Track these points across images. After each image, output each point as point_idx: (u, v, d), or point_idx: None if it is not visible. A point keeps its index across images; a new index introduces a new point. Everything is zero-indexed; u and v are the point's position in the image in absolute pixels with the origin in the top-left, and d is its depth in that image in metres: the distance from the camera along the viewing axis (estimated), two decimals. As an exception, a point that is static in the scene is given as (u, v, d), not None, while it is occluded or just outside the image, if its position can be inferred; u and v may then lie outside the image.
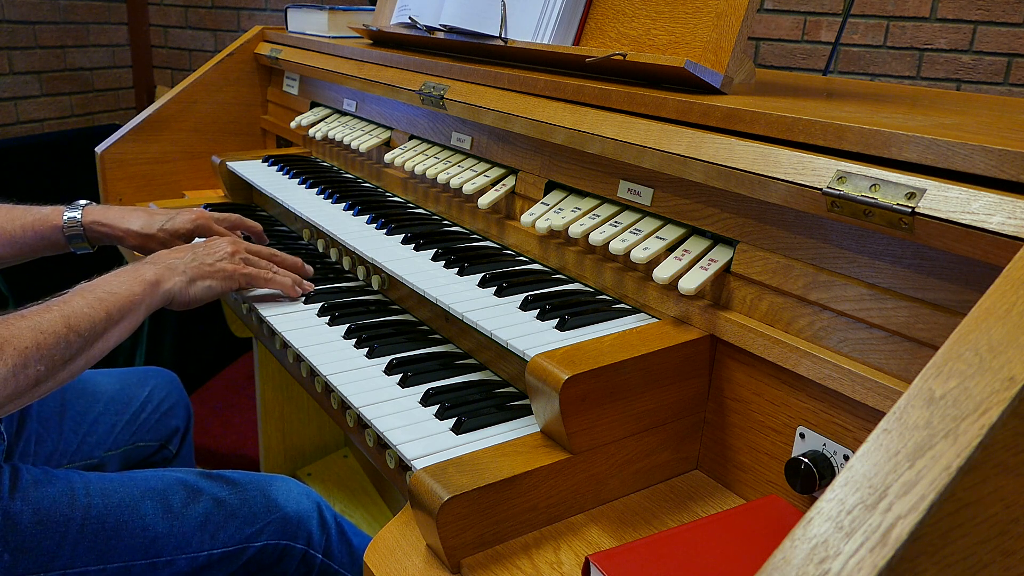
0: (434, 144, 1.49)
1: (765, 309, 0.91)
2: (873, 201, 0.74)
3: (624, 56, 1.08)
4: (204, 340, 2.82)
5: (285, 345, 1.20)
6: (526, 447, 0.87)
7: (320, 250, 1.52)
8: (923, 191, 0.71)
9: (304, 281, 1.33)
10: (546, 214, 1.14)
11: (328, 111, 1.86)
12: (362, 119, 1.74)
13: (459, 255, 1.22)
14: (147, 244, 1.41)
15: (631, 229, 1.04)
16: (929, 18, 2.55)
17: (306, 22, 2.06)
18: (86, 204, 1.41)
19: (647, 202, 1.06)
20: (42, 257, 1.43)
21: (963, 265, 0.73)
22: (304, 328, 1.22)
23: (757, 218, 0.92)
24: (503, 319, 1.03)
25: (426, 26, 1.51)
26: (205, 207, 1.75)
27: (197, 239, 1.46)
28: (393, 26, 1.66)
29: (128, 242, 1.42)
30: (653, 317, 1.03)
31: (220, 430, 2.60)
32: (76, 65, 4.05)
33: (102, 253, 1.47)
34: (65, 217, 1.37)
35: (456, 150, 1.43)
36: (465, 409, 0.99)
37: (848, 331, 0.83)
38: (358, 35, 1.93)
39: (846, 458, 0.83)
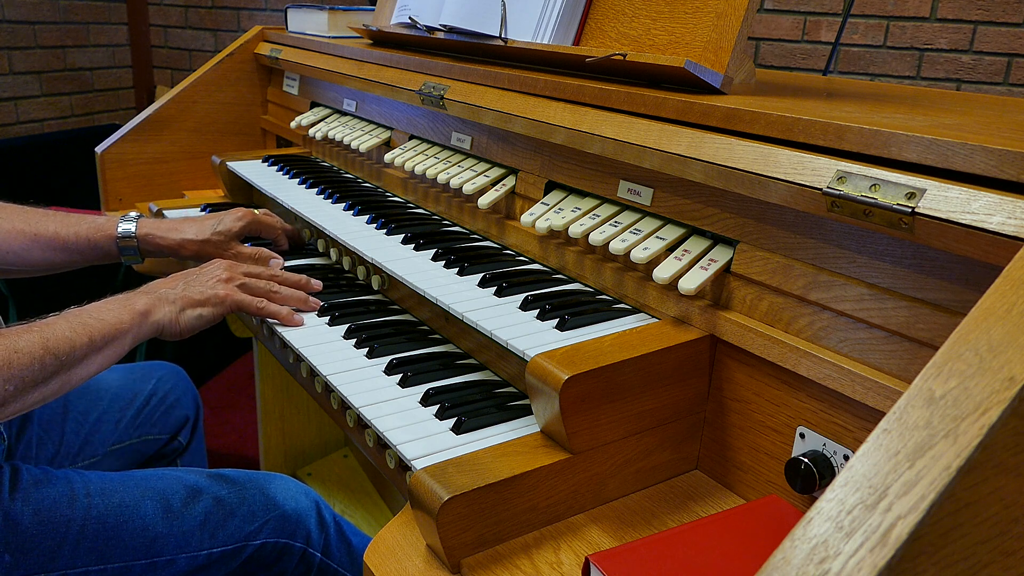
0: (434, 144, 1.49)
1: (765, 309, 0.91)
2: (873, 201, 0.74)
3: (624, 56, 1.08)
4: (204, 340, 2.82)
5: (285, 345, 1.20)
6: (526, 447, 0.87)
7: (320, 250, 1.52)
8: (923, 191, 0.71)
9: (310, 298, 1.27)
10: (546, 214, 1.14)
11: (328, 111, 1.86)
12: (362, 119, 1.74)
13: (459, 255, 1.22)
14: (204, 249, 1.40)
15: (631, 229, 1.04)
16: (929, 18, 2.55)
17: (306, 22, 2.06)
18: (138, 216, 1.41)
19: (647, 202, 1.06)
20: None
21: (963, 265, 0.73)
22: (304, 328, 1.22)
23: (757, 218, 0.92)
24: (503, 319, 1.03)
25: (426, 26, 1.51)
26: (205, 207, 1.75)
27: (184, 264, 1.46)
28: (393, 26, 1.66)
29: (184, 251, 1.41)
30: (653, 317, 1.03)
31: (220, 430, 2.60)
32: (76, 65, 4.05)
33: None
34: (120, 229, 1.37)
35: (456, 150, 1.43)
36: (465, 409, 0.99)
37: (848, 331, 0.83)
38: (358, 35, 1.93)
39: (846, 458, 0.83)
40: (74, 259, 1.38)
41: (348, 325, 1.21)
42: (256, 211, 1.46)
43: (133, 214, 1.41)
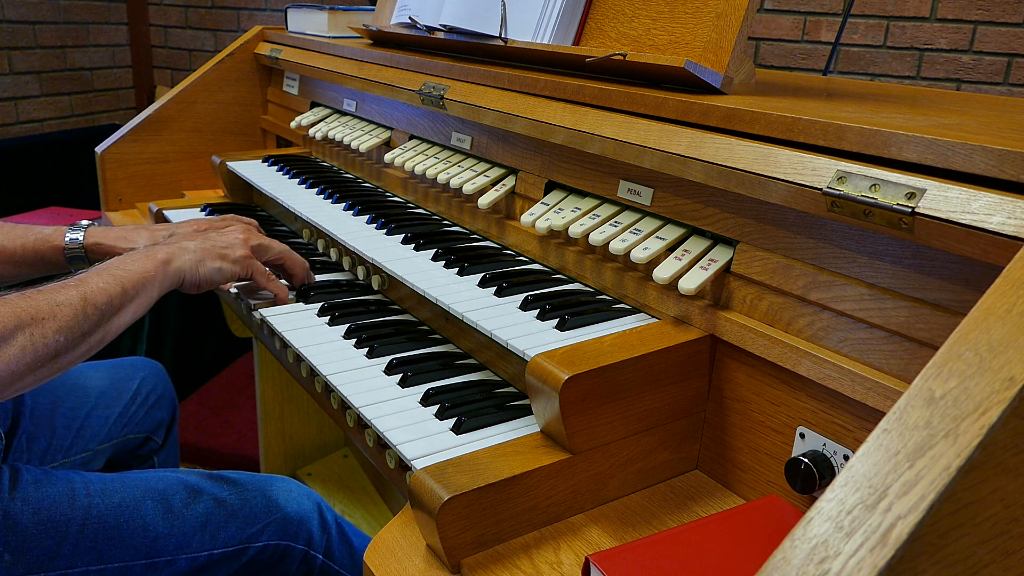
0: (434, 144, 1.49)
1: (765, 309, 0.91)
2: (873, 201, 0.74)
3: (624, 56, 1.08)
4: (204, 340, 2.82)
5: (285, 345, 1.20)
6: (526, 447, 0.87)
7: (320, 250, 1.52)
8: (923, 191, 0.71)
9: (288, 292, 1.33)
10: (546, 214, 1.14)
11: (328, 111, 1.86)
12: (362, 119, 1.74)
13: (459, 255, 1.22)
14: None
15: (631, 229, 1.04)
16: (929, 18, 2.55)
17: (306, 22, 2.06)
18: (88, 225, 1.39)
19: (647, 202, 1.06)
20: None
21: (963, 265, 0.73)
22: (304, 328, 1.22)
23: (757, 218, 0.92)
24: (503, 319, 1.03)
25: (426, 26, 1.51)
26: (205, 207, 1.75)
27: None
28: (393, 26, 1.66)
29: None
30: (653, 317, 1.03)
31: (220, 430, 2.60)
32: (76, 65, 4.05)
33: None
34: (67, 238, 1.36)
35: (456, 150, 1.43)
36: (465, 409, 0.99)
37: (848, 331, 0.83)
38: (358, 35, 1.93)
39: (846, 458, 0.83)
40: (21, 271, 1.37)
41: (348, 325, 1.21)
42: (215, 219, 1.44)
43: (84, 223, 1.40)
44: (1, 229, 1.36)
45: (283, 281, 1.34)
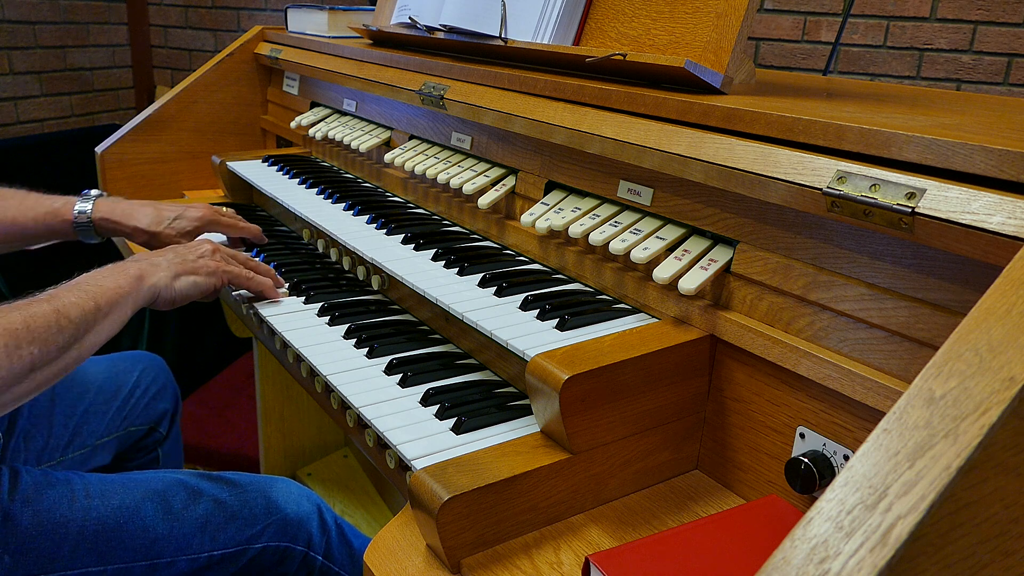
0: (434, 144, 1.49)
1: (765, 309, 0.91)
2: (873, 201, 0.74)
3: (624, 56, 1.08)
4: (204, 340, 2.82)
5: (285, 345, 1.20)
6: (526, 447, 0.87)
7: (320, 250, 1.52)
8: (923, 191, 0.71)
9: (278, 290, 1.34)
10: (546, 214, 1.14)
11: (328, 111, 1.86)
12: (362, 119, 1.74)
13: (459, 255, 1.22)
14: (153, 242, 1.42)
15: (631, 229, 1.04)
16: (929, 18, 2.55)
17: (306, 22, 2.06)
18: (98, 196, 1.42)
19: (647, 202, 1.06)
20: (42, 255, 1.45)
21: (963, 265, 0.73)
22: (304, 328, 1.22)
23: (757, 218, 0.92)
24: (503, 319, 1.03)
25: (426, 26, 1.51)
26: (205, 207, 1.76)
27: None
28: (393, 26, 1.66)
29: (136, 238, 1.44)
30: (653, 317, 1.03)
31: (220, 430, 2.59)
32: (76, 65, 4.05)
33: (104, 248, 1.48)
34: (76, 211, 1.39)
35: (456, 150, 1.43)
36: (465, 409, 0.99)
37: (848, 331, 0.83)
38: (358, 35, 1.93)
39: (846, 458, 0.83)
40: (31, 242, 1.42)
41: (348, 325, 1.21)
42: (223, 209, 1.46)
43: (94, 192, 1.42)
44: (15, 197, 1.39)
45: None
